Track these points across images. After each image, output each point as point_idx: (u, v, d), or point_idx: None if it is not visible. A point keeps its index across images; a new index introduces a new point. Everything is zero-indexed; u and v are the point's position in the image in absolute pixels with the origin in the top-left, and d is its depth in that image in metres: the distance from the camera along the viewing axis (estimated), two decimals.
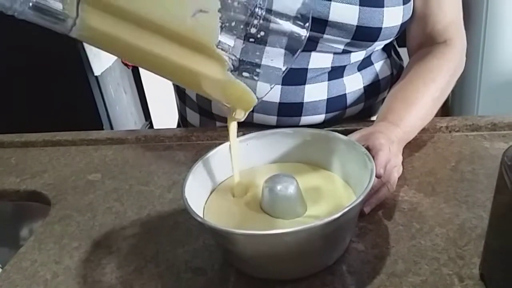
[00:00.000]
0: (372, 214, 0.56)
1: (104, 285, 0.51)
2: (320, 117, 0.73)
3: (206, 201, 0.54)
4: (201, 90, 0.48)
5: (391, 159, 0.55)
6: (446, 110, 1.94)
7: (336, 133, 0.56)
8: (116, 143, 0.82)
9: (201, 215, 0.50)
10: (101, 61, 1.78)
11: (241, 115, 0.49)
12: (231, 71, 0.45)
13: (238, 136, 0.55)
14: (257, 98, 0.48)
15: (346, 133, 0.58)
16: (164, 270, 0.52)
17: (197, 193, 0.52)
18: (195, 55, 0.42)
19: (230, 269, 0.51)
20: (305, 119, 0.73)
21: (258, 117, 0.73)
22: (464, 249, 0.50)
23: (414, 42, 0.74)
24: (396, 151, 0.58)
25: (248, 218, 0.51)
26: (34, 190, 0.72)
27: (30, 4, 0.39)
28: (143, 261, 0.54)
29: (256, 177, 0.56)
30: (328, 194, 0.53)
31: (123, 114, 2.02)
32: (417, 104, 0.64)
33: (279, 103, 0.71)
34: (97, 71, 1.78)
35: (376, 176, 0.48)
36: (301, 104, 0.71)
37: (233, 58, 0.44)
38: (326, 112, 0.73)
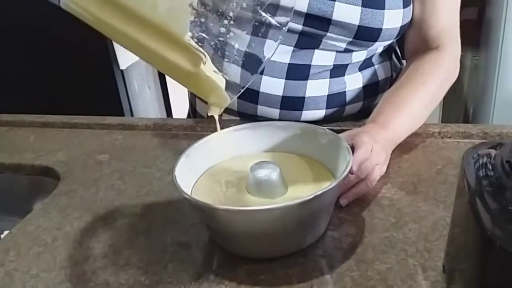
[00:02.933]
0: (352, 207, 0.59)
1: (97, 251, 0.56)
2: (320, 112, 0.77)
3: (196, 181, 0.58)
4: (179, 80, 0.51)
5: (369, 157, 0.58)
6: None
7: (323, 128, 0.60)
8: (127, 129, 0.88)
9: (189, 193, 0.55)
10: (127, 55, 1.85)
11: (216, 112, 0.52)
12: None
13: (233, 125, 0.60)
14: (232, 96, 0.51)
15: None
16: (152, 242, 0.57)
17: (188, 174, 0.57)
18: (170, 45, 0.45)
19: (213, 246, 0.55)
20: (306, 114, 0.76)
21: (262, 110, 0.77)
22: (433, 243, 0.52)
23: (410, 47, 0.77)
24: (379, 150, 0.61)
25: (232, 198, 0.55)
26: (47, 165, 0.78)
27: None
28: (135, 233, 0.59)
29: (246, 163, 0.60)
30: (312, 182, 0.57)
31: (145, 109, 2.07)
32: (406, 107, 0.67)
33: (282, 96, 0.74)
34: (123, 65, 1.84)
35: (349, 172, 0.51)
36: (303, 99, 0.75)
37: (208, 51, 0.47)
38: (326, 108, 0.77)
